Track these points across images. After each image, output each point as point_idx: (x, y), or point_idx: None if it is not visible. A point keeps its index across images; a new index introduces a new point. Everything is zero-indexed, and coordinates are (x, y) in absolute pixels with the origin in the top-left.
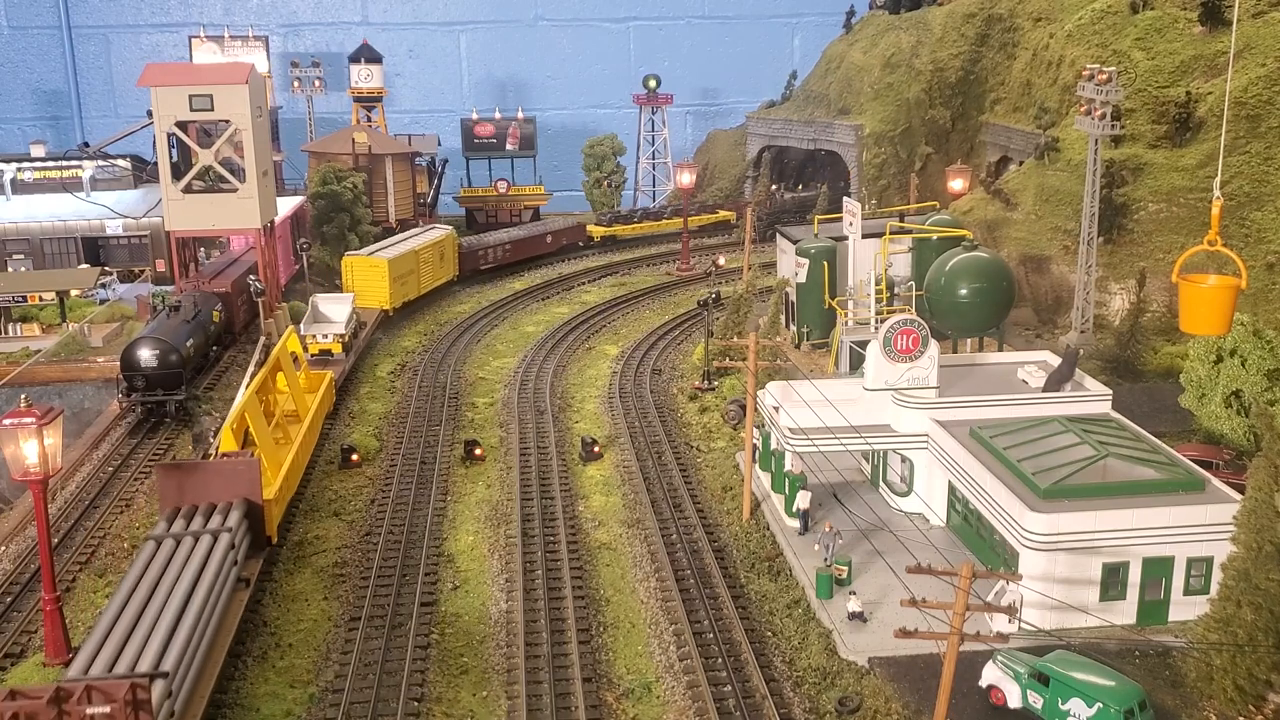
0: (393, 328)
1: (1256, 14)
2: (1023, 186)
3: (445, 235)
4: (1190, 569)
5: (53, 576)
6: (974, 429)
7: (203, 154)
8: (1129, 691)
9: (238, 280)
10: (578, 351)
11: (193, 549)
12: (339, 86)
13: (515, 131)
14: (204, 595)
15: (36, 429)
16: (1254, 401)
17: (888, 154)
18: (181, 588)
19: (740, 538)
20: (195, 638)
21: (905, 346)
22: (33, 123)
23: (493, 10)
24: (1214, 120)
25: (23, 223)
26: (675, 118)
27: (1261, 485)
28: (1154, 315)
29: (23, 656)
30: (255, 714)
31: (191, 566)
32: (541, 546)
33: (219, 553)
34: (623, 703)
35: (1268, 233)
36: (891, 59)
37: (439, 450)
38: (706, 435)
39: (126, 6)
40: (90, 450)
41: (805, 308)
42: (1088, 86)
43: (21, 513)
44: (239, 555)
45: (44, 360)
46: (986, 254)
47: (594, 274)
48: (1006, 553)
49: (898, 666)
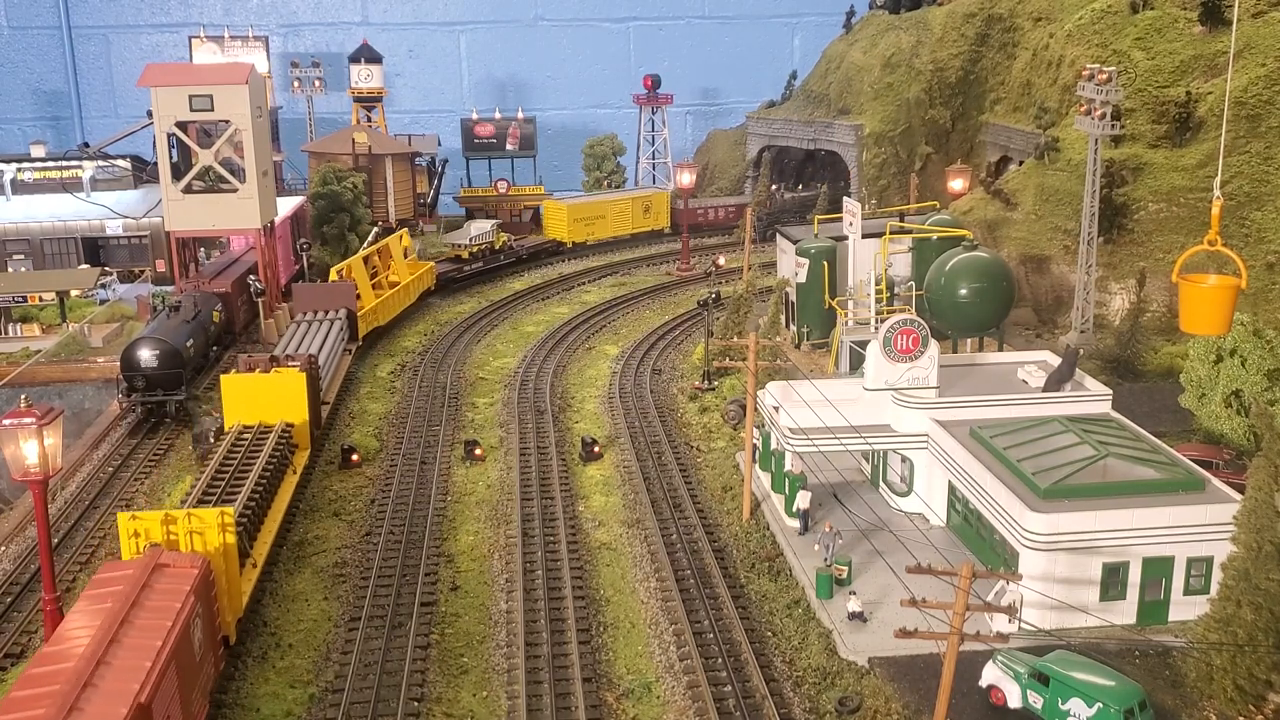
0: (393, 327)
1: (1256, 14)
2: (1023, 186)
3: (657, 193)
4: (1190, 569)
5: (53, 576)
6: (974, 429)
7: (203, 154)
8: (1129, 691)
9: (238, 280)
10: (578, 351)
11: (322, 325)
12: (339, 86)
13: (515, 131)
14: (330, 345)
15: (36, 429)
16: (1254, 401)
17: (888, 154)
18: (319, 337)
19: (740, 538)
20: (329, 364)
21: (905, 346)
22: (33, 123)
23: (493, 10)
24: (1214, 120)
25: (23, 223)
26: (675, 118)
27: (1261, 485)
28: (1154, 315)
29: (23, 657)
30: (255, 714)
31: (323, 329)
32: (541, 546)
33: (335, 328)
34: (623, 703)
35: (1268, 233)
36: (891, 59)
37: (439, 450)
38: (706, 435)
39: (126, 6)
40: (90, 450)
41: (805, 308)
42: (1088, 86)
43: (21, 513)
44: (344, 334)
45: (44, 360)
46: (986, 254)
47: (594, 274)
48: (1006, 553)
49: (898, 666)
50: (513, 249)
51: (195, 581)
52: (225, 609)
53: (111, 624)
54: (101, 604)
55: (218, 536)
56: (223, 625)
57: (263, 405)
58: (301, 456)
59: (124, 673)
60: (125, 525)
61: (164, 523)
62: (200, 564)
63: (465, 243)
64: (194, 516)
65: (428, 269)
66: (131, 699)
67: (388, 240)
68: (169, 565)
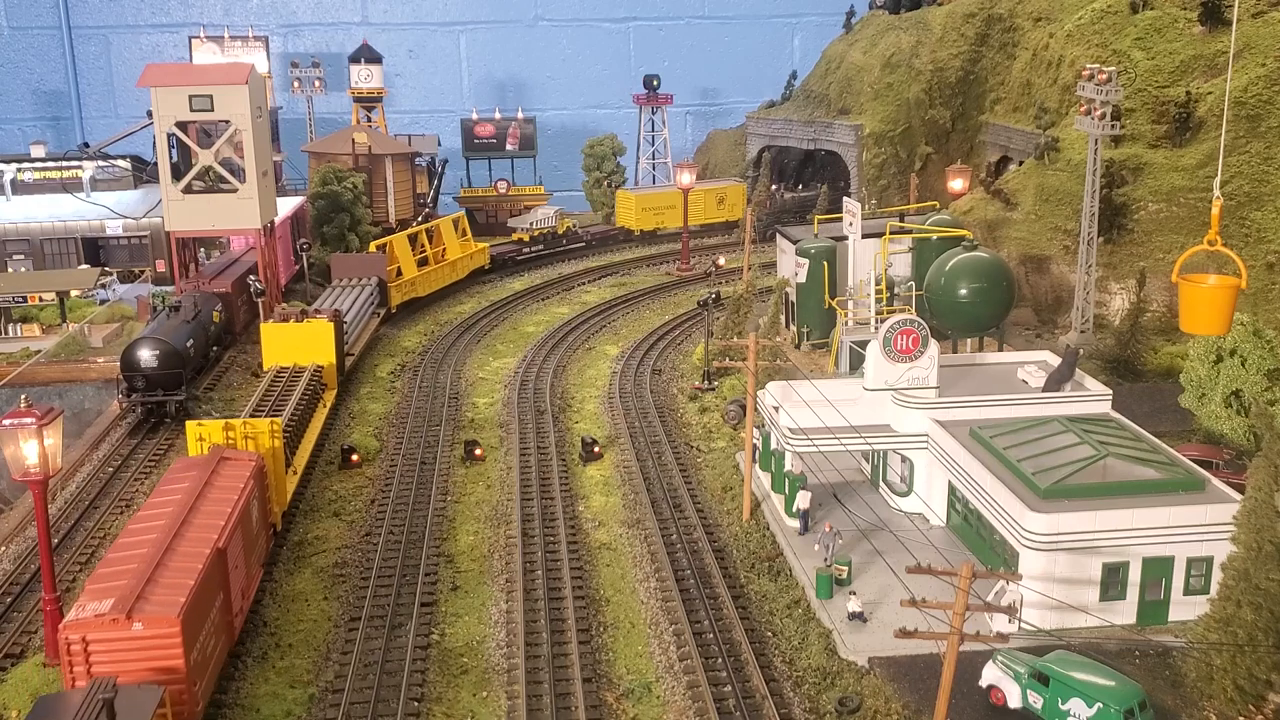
0: (394, 327)
1: (1256, 14)
2: (1023, 186)
3: (733, 185)
4: (1190, 569)
5: (53, 577)
6: (974, 429)
7: (203, 154)
8: (1129, 691)
9: (238, 280)
10: (578, 351)
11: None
12: (339, 87)
13: (515, 131)
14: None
15: (36, 429)
16: (1254, 401)
17: (888, 154)
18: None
19: (740, 538)
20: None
21: (905, 346)
22: (33, 123)
23: (493, 10)
24: (1214, 120)
25: (23, 223)
26: (675, 118)
27: (1261, 485)
28: (1154, 315)
29: (23, 657)
30: (255, 714)
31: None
32: (541, 547)
33: (366, 293)
34: (623, 703)
35: (1268, 233)
36: (891, 59)
37: (439, 450)
38: (706, 435)
39: (126, 7)
40: (90, 450)
41: (805, 308)
42: (1087, 86)
43: (21, 513)
44: (375, 300)
45: (44, 361)
46: (986, 254)
47: (594, 274)
48: (1006, 553)
49: (898, 666)
50: (577, 234)
51: (253, 471)
52: (273, 500)
53: (191, 494)
54: (181, 483)
55: (269, 440)
56: (271, 513)
57: (296, 349)
58: (330, 394)
59: (204, 527)
60: (192, 431)
61: (224, 429)
62: (256, 459)
63: (526, 227)
64: (249, 424)
65: (481, 249)
66: (212, 544)
67: (439, 221)
68: (230, 459)
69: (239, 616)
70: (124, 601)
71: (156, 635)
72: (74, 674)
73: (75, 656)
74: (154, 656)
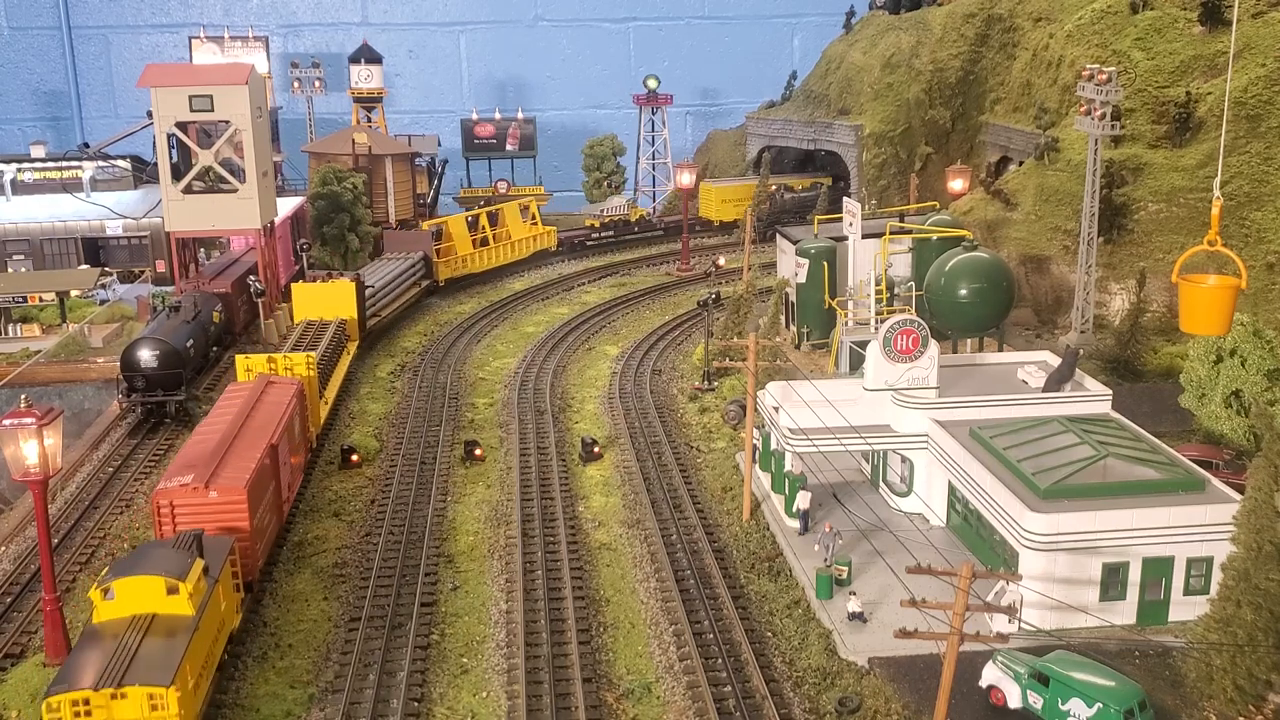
0: (394, 326)
1: (1256, 14)
2: (1023, 186)
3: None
4: (1190, 569)
5: (53, 577)
6: (974, 429)
7: (203, 154)
8: (1129, 691)
9: (238, 281)
10: (578, 352)
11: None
12: (339, 87)
13: (515, 132)
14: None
15: (36, 429)
16: (1254, 401)
17: (888, 154)
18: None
19: (740, 538)
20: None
21: (905, 346)
22: (33, 123)
23: (493, 10)
24: (1214, 120)
25: (23, 223)
26: (675, 118)
27: (1261, 485)
28: (1154, 315)
29: (23, 657)
30: (255, 714)
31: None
32: (541, 547)
33: (409, 265)
34: (623, 703)
35: (1268, 233)
36: (891, 59)
37: (439, 451)
38: (706, 435)
39: (126, 7)
40: (90, 451)
41: (805, 308)
42: (1087, 86)
43: (21, 513)
44: (418, 271)
45: (44, 361)
46: (986, 254)
47: (594, 274)
48: (1006, 553)
49: (898, 666)
50: (650, 222)
51: (295, 392)
52: (310, 420)
53: (246, 407)
54: (235, 401)
55: (305, 370)
56: (309, 430)
57: (323, 305)
58: (352, 344)
59: (259, 429)
60: (241, 363)
61: (268, 361)
62: (297, 383)
63: (598, 214)
64: (289, 358)
65: (548, 232)
66: (267, 439)
67: (503, 206)
68: (275, 383)
69: (286, 503)
70: (201, 476)
71: (227, 501)
72: (163, 531)
73: (164, 517)
74: (225, 518)
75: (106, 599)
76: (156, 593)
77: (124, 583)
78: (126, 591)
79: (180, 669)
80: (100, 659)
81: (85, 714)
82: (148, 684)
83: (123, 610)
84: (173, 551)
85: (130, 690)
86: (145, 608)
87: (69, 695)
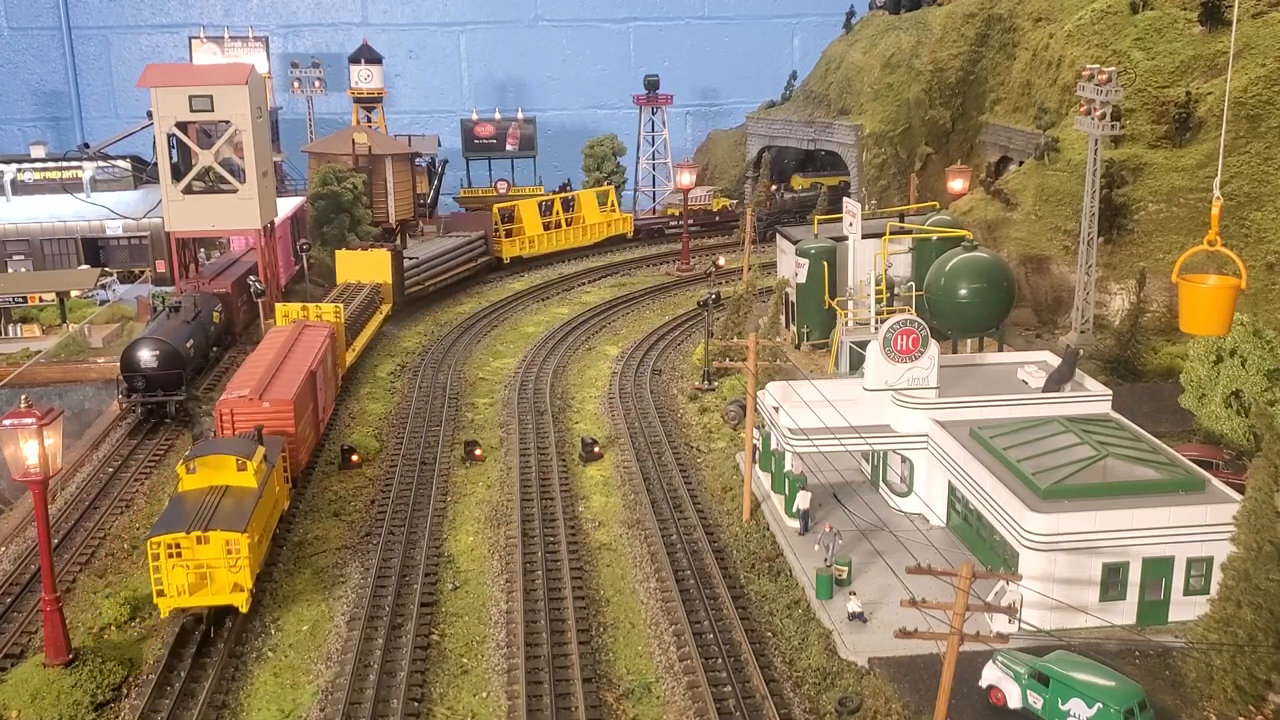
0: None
1: (1256, 14)
2: (1023, 186)
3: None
4: (1190, 569)
5: (53, 577)
6: (974, 429)
7: (203, 154)
8: (1129, 691)
9: (238, 281)
10: (578, 352)
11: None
12: (339, 87)
13: (515, 132)
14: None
15: (36, 429)
16: (1254, 401)
17: (888, 154)
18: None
19: (740, 538)
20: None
21: (905, 347)
22: (33, 123)
23: (493, 10)
24: (1214, 120)
25: (23, 223)
26: (675, 118)
27: (1261, 485)
28: (1154, 315)
29: (23, 657)
30: (255, 714)
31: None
32: (541, 547)
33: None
34: (623, 703)
35: (1268, 233)
36: (891, 59)
37: (439, 451)
38: (706, 435)
39: (126, 7)
40: (90, 451)
41: (805, 308)
42: (1087, 87)
43: (21, 513)
44: (477, 249)
45: (44, 361)
46: (986, 254)
47: (594, 274)
48: (1006, 553)
49: (898, 666)
50: (731, 213)
51: (327, 334)
52: (338, 362)
53: (287, 344)
54: (276, 340)
55: (334, 317)
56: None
57: (361, 270)
58: (385, 306)
59: (300, 359)
60: (279, 310)
61: (302, 310)
62: (329, 327)
63: (678, 203)
64: (321, 307)
65: (624, 218)
66: (308, 366)
67: (578, 193)
68: (310, 327)
69: (322, 423)
70: (256, 390)
71: (277, 409)
72: (224, 434)
73: (226, 421)
74: (276, 423)
75: (190, 472)
76: (229, 468)
77: (204, 460)
78: (206, 466)
79: (250, 523)
80: (188, 514)
81: (176, 554)
82: (228, 529)
83: (202, 481)
84: (240, 441)
85: (213, 534)
86: (220, 480)
87: (166, 537)
